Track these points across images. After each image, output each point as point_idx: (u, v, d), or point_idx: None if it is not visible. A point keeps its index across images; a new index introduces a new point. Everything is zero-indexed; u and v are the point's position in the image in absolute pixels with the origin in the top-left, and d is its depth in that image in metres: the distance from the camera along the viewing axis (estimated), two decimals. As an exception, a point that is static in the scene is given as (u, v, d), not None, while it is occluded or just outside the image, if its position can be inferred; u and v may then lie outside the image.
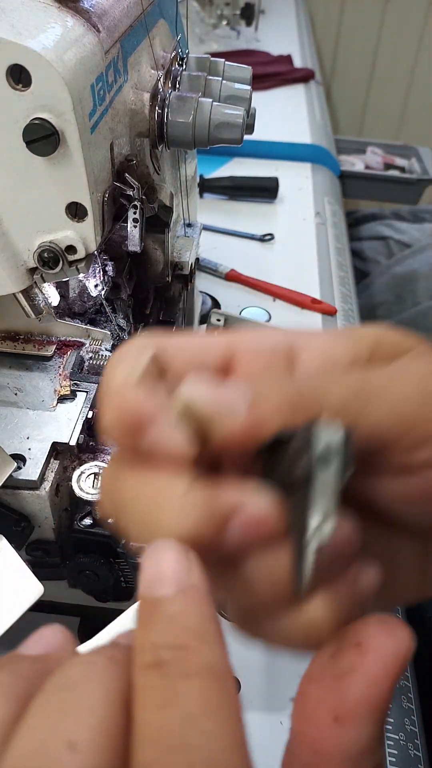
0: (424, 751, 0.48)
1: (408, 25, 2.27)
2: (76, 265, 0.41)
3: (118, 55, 0.42)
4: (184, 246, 0.62)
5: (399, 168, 1.57)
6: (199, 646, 0.17)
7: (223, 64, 0.59)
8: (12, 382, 0.51)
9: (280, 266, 0.98)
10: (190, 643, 0.17)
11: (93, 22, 0.38)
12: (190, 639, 0.17)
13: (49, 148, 0.35)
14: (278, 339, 0.24)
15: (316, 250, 1.02)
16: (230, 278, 0.94)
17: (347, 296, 0.95)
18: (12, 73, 0.33)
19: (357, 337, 0.24)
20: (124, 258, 0.52)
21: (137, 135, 0.47)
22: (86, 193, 0.38)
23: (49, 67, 0.33)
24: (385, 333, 0.24)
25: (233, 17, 1.72)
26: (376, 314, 1.16)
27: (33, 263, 0.40)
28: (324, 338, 0.24)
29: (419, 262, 1.16)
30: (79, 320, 0.55)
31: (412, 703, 0.50)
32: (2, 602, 0.39)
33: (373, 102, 2.45)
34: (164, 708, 0.16)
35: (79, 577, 0.48)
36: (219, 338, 0.24)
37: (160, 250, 0.55)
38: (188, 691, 0.16)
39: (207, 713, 0.15)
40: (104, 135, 0.40)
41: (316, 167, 1.25)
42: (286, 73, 1.62)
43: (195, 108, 0.48)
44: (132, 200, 0.43)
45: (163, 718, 0.15)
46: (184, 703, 0.15)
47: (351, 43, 2.35)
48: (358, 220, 1.45)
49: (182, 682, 0.16)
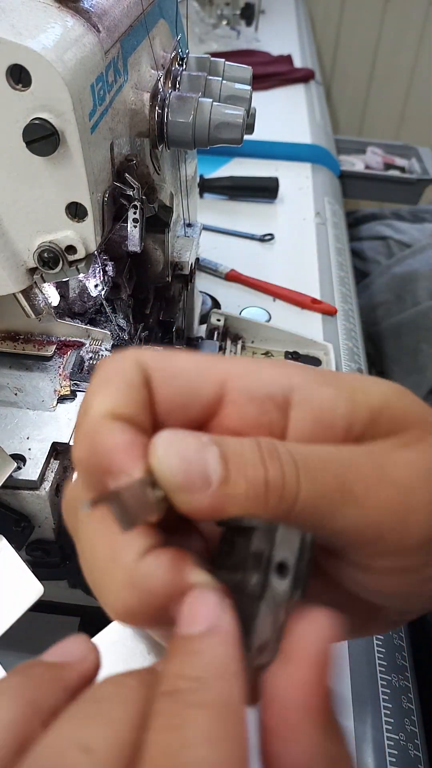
0: (424, 751, 0.48)
1: (408, 24, 2.27)
2: (76, 265, 0.41)
3: (118, 55, 0.42)
4: (184, 246, 0.62)
5: (399, 168, 1.56)
6: (215, 681, 0.17)
7: (223, 64, 0.59)
8: (12, 382, 0.51)
9: (280, 266, 0.98)
10: (208, 677, 0.18)
11: (93, 22, 0.38)
12: (207, 673, 0.18)
13: (49, 148, 0.35)
14: (274, 382, 0.23)
15: (316, 250, 1.02)
16: (230, 278, 0.94)
17: (347, 296, 0.95)
18: (12, 73, 0.33)
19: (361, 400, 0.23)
20: (124, 258, 0.52)
21: (137, 135, 0.47)
22: (86, 193, 0.38)
23: (49, 67, 0.33)
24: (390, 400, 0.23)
25: (233, 17, 1.72)
26: (376, 314, 1.16)
27: (33, 263, 0.40)
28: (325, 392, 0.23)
29: (419, 262, 1.16)
30: (79, 320, 0.55)
31: (412, 704, 0.50)
32: (2, 602, 0.39)
33: (373, 102, 2.45)
34: (169, 732, 0.16)
35: (79, 577, 0.48)
36: (212, 370, 0.23)
37: (160, 250, 0.55)
38: (194, 720, 0.17)
39: (208, 743, 0.16)
40: (104, 135, 0.40)
41: (316, 167, 1.25)
42: (286, 73, 1.61)
43: (195, 108, 0.48)
44: (132, 200, 0.43)
45: (166, 741, 0.16)
46: (187, 730, 0.16)
47: (351, 43, 2.35)
48: (358, 220, 1.45)
49: (191, 711, 0.17)
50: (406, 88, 2.38)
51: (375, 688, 0.50)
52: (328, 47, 2.37)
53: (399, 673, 0.51)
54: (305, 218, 1.09)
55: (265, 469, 0.20)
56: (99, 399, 0.21)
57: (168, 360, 0.23)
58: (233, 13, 1.71)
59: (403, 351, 1.08)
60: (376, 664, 0.51)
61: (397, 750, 0.47)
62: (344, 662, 0.51)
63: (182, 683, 0.18)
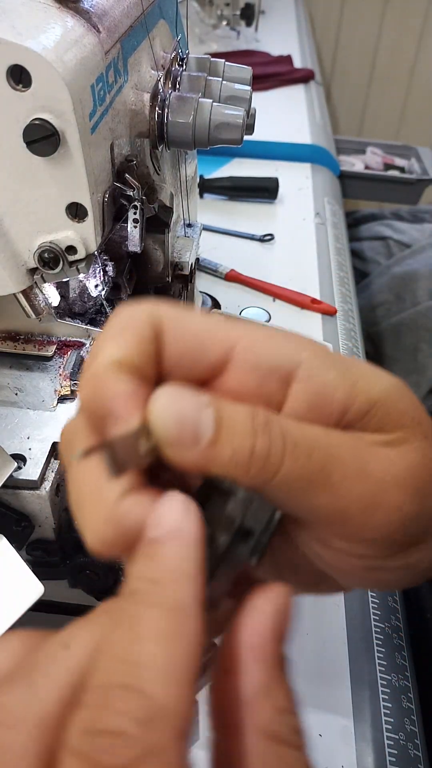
0: (423, 751, 0.48)
1: (407, 25, 2.27)
2: (76, 265, 0.41)
3: (119, 56, 0.42)
4: (184, 246, 0.62)
5: (398, 168, 1.56)
6: (171, 583, 0.19)
7: (223, 64, 0.59)
8: (12, 382, 0.51)
9: (280, 266, 0.98)
10: (164, 579, 0.19)
11: (93, 22, 0.38)
12: (164, 575, 0.19)
13: (50, 148, 0.35)
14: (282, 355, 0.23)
15: (316, 251, 1.02)
16: (230, 278, 0.94)
17: (347, 296, 0.96)
18: (12, 74, 0.33)
19: (362, 390, 0.23)
20: (125, 258, 0.52)
21: (137, 135, 0.47)
22: (86, 193, 0.38)
23: (50, 68, 0.33)
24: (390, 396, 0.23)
25: (233, 17, 1.71)
26: (375, 314, 1.16)
27: (33, 263, 0.40)
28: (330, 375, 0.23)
29: (419, 262, 1.16)
30: (79, 320, 0.55)
31: (411, 703, 0.50)
32: (3, 602, 0.39)
33: (372, 102, 2.45)
34: (123, 628, 0.18)
35: (79, 577, 0.48)
36: (223, 333, 0.23)
37: (160, 251, 0.55)
38: (147, 617, 0.18)
39: (156, 639, 0.17)
40: (104, 135, 0.40)
41: (315, 167, 1.25)
42: (286, 73, 1.61)
43: (195, 108, 0.48)
44: (132, 200, 0.43)
45: (119, 636, 0.18)
46: (139, 628, 0.18)
47: (351, 43, 2.35)
48: (358, 220, 1.45)
49: (145, 609, 0.18)
50: (405, 89, 2.38)
51: (375, 687, 0.50)
52: (328, 48, 2.37)
53: (399, 673, 0.51)
54: (305, 218, 1.10)
55: (253, 440, 0.21)
56: (109, 346, 0.22)
57: (182, 317, 0.23)
58: (233, 13, 1.71)
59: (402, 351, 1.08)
60: (376, 664, 0.52)
61: (397, 750, 0.47)
62: (344, 661, 0.51)
63: (140, 584, 0.19)
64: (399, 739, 0.47)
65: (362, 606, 0.55)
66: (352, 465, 0.22)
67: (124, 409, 0.21)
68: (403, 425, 0.23)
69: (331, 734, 0.46)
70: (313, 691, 0.49)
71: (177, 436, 0.20)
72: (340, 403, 0.23)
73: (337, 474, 0.21)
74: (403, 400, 0.24)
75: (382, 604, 0.55)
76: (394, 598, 0.57)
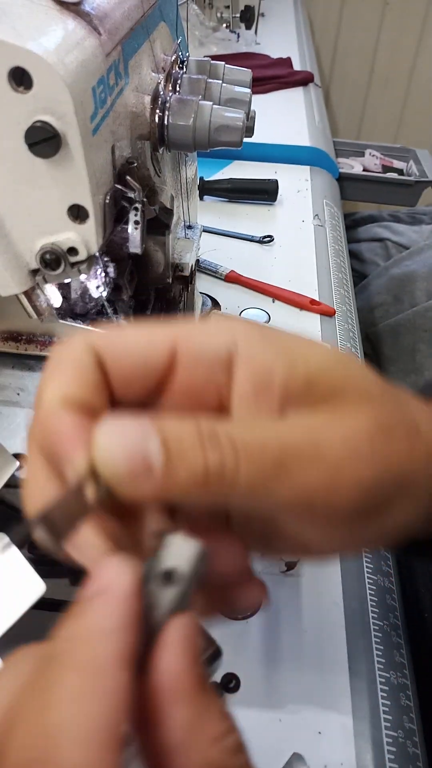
0: (422, 748, 0.48)
1: (406, 28, 2.28)
2: (77, 266, 0.41)
3: (119, 58, 0.42)
4: (184, 248, 0.63)
5: (397, 170, 1.57)
6: (88, 641, 0.18)
7: (223, 67, 0.59)
8: (14, 382, 0.52)
9: (279, 268, 0.98)
10: (82, 637, 0.18)
11: (94, 24, 0.39)
12: (82, 633, 0.18)
13: (51, 150, 0.35)
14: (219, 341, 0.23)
15: (315, 252, 1.02)
16: (230, 279, 0.95)
17: (346, 297, 0.96)
18: (14, 76, 0.34)
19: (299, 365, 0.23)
20: (126, 259, 0.53)
21: (138, 138, 0.48)
22: (88, 195, 0.38)
23: (51, 70, 0.33)
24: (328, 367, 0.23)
25: (233, 20, 1.72)
26: (374, 315, 1.17)
27: (35, 265, 0.41)
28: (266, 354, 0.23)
29: (417, 264, 1.16)
30: (80, 321, 0.56)
31: (410, 701, 0.50)
32: (4, 600, 0.40)
33: (371, 105, 2.46)
34: (39, 693, 0.17)
35: (80, 575, 0.48)
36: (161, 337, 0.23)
37: (161, 252, 0.55)
38: (60, 680, 0.17)
39: (70, 701, 0.17)
40: (105, 137, 0.40)
41: (314, 170, 1.26)
42: (286, 76, 1.62)
43: (195, 111, 0.48)
44: (133, 202, 0.43)
45: (33, 705, 0.17)
46: (51, 692, 0.17)
47: (350, 46, 2.36)
48: (357, 222, 1.45)
49: (59, 671, 0.17)
50: (404, 91, 2.39)
51: (374, 685, 0.50)
52: (327, 50, 2.38)
53: (398, 671, 0.52)
54: (304, 220, 1.10)
55: (204, 456, 0.20)
56: (51, 385, 0.21)
57: (117, 336, 0.23)
58: (233, 16, 1.71)
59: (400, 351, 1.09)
60: (375, 661, 0.52)
61: (396, 747, 0.47)
62: (343, 659, 0.52)
63: (59, 644, 0.18)
64: (398, 736, 0.48)
65: (361, 604, 0.55)
66: (306, 450, 0.21)
67: (72, 448, 0.20)
68: (347, 393, 0.23)
69: (330, 732, 0.47)
70: (311, 688, 0.49)
71: (128, 472, 0.20)
72: (282, 379, 0.22)
73: (293, 463, 0.21)
74: (339, 367, 0.24)
75: (380, 602, 0.56)
76: (393, 597, 0.57)
